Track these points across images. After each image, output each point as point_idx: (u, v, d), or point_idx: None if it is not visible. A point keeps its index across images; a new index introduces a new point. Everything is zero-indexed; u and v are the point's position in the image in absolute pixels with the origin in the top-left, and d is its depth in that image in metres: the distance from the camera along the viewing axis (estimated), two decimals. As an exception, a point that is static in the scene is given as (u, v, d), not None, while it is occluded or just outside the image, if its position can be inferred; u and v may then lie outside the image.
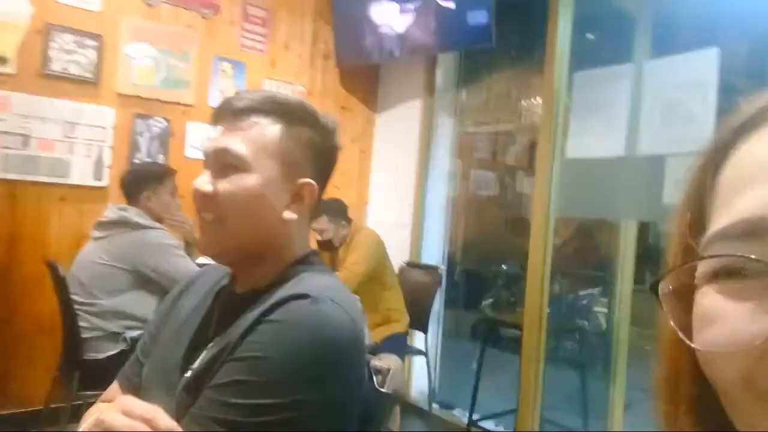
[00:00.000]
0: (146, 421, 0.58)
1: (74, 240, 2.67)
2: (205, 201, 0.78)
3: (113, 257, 2.12)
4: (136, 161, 3.00)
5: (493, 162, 4.74)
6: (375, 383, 0.86)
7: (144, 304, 2.13)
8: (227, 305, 0.83)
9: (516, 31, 3.50)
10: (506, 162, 4.74)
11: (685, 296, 0.29)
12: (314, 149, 0.83)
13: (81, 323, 2.06)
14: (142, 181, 2.30)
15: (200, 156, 2.42)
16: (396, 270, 3.25)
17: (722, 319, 0.26)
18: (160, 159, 3.11)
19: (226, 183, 0.77)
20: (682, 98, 2.24)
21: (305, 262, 0.84)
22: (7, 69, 2.71)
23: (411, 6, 3.38)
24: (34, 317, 2.65)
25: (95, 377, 2.05)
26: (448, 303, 3.70)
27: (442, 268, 3.52)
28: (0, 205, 2.66)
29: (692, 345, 0.27)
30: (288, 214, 0.80)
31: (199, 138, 3.25)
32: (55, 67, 2.84)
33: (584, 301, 3.36)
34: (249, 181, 0.77)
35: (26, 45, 2.76)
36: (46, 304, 2.51)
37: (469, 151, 4.47)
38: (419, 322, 3.17)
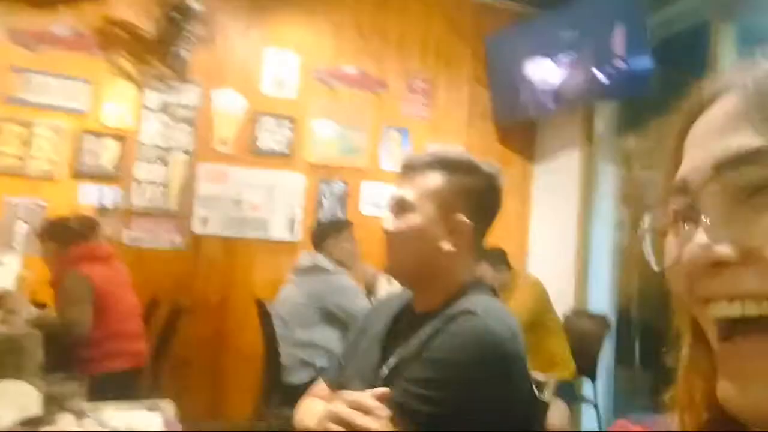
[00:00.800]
0: (370, 410, 0.80)
1: (274, 285, 3.18)
2: (386, 235, 1.03)
3: (305, 296, 2.52)
4: (321, 218, 3.50)
5: (666, 208, 4.48)
6: (536, 392, 1.00)
7: (330, 337, 2.47)
8: (409, 322, 1.05)
9: (679, 72, 3.42)
10: (681, 207, 4.44)
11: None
12: (472, 193, 1.02)
13: (281, 351, 2.46)
14: (325, 233, 2.72)
15: (373, 212, 2.79)
16: (561, 318, 3.22)
17: (669, 251, 0.38)
18: (340, 216, 3.58)
19: (398, 221, 1.01)
20: None
21: (471, 286, 1.01)
22: (227, 149, 3.43)
23: (566, 59, 3.50)
24: (241, 348, 3.19)
25: (291, 399, 2.41)
26: (621, 358, 3.52)
27: (611, 319, 3.39)
28: (219, 258, 3.32)
29: (656, 268, 0.39)
30: (445, 245, 0.99)
31: (372, 197, 3.69)
32: (261, 145, 3.50)
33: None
34: (413, 219, 0.99)
35: (240, 130, 3.48)
36: (249, 337, 3.02)
37: (638, 197, 4.30)
38: (586, 372, 3.07)
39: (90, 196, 3.08)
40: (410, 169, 1.03)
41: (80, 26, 3.23)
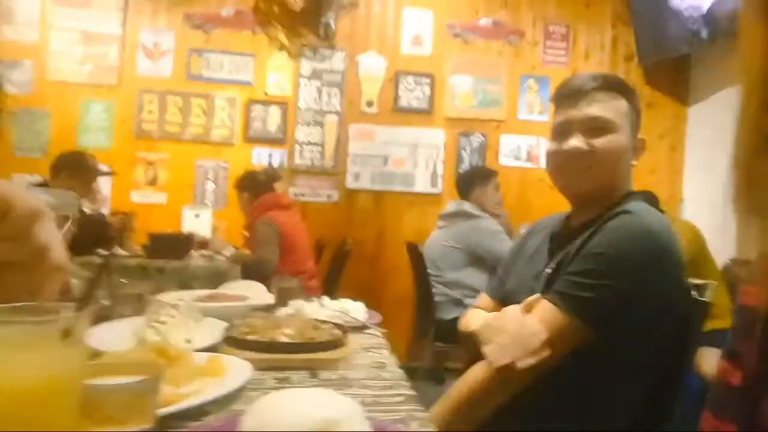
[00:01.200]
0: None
1: (419, 234, 3.42)
2: (582, 155, 1.05)
3: (454, 240, 2.70)
4: (463, 169, 3.63)
5: None
6: (693, 294, 1.01)
7: (477, 278, 2.65)
8: (567, 234, 1.13)
9: None
10: None
11: None
12: (637, 113, 1.11)
13: (433, 290, 2.69)
14: (472, 181, 2.86)
15: (512, 163, 2.82)
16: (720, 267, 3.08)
17: None
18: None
19: (602, 140, 1.03)
20: None
21: (627, 196, 1.09)
22: (373, 109, 3.67)
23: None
24: (395, 291, 3.48)
25: (444, 334, 2.65)
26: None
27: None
28: (371, 209, 3.62)
29: None
30: (634, 162, 1.09)
31: (510, 148, 3.75)
32: (402, 103, 3.70)
33: None
34: (620, 138, 1.04)
35: (383, 90, 3.69)
36: (401, 280, 3.30)
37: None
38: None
39: (262, 158, 3.53)
40: (586, 90, 1.06)
41: (241, 6, 3.61)
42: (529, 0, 3.84)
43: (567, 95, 1.09)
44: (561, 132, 1.08)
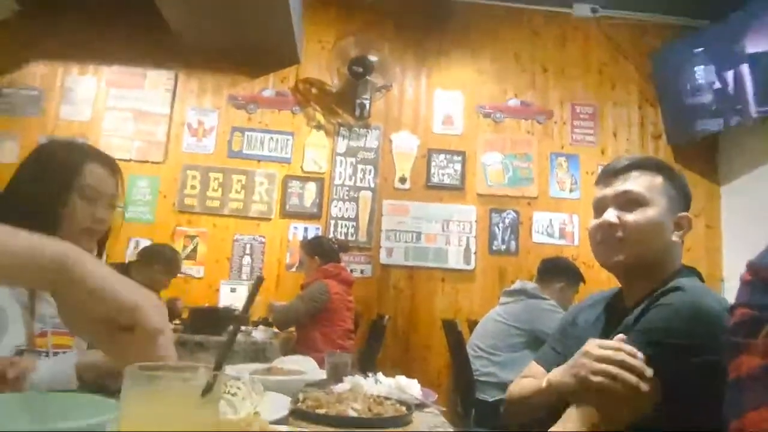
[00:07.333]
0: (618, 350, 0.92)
1: (452, 312, 3.37)
2: (612, 228, 1.08)
3: (513, 318, 2.61)
4: (497, 246, 3.62)
5: None
6: None
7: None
8: (620, 312, 1.12)
9: None
10: None
11: None
12: (682, 192, 1.12)
13: (480, 368, 2.58)
14: (565, 273, 2.77)
15: (544, 240, 2.78)
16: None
17: None
18: (512, 245, 3.69)
19: (632, 214, 1.07)
20: None
21: (679, 272, 1.09)
22: (406, 185, 3.74)
23: (744, 68, 3.31)
24: (426, 370, 3.38)
25: (485, 416, 2.53)
26: None
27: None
28: (404, 285, 3.60)
29: None
30: (674, 237, 1.08)
31: (543, 224, 3.75)
32: (434, 179, 3.77)
33: None
34: (650, 212, 1.06)
35: (415, 167, 3.79)
36: (433, 360, 3.22)
37: None
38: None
39: (298, 232, 3.59)
40: (623, 168, 1.11)
41: (282, 88, 3.82)
42: (556, 82, 3.99)
43: (605, 175, 1.14)
44: (598, 209, 1.13)
